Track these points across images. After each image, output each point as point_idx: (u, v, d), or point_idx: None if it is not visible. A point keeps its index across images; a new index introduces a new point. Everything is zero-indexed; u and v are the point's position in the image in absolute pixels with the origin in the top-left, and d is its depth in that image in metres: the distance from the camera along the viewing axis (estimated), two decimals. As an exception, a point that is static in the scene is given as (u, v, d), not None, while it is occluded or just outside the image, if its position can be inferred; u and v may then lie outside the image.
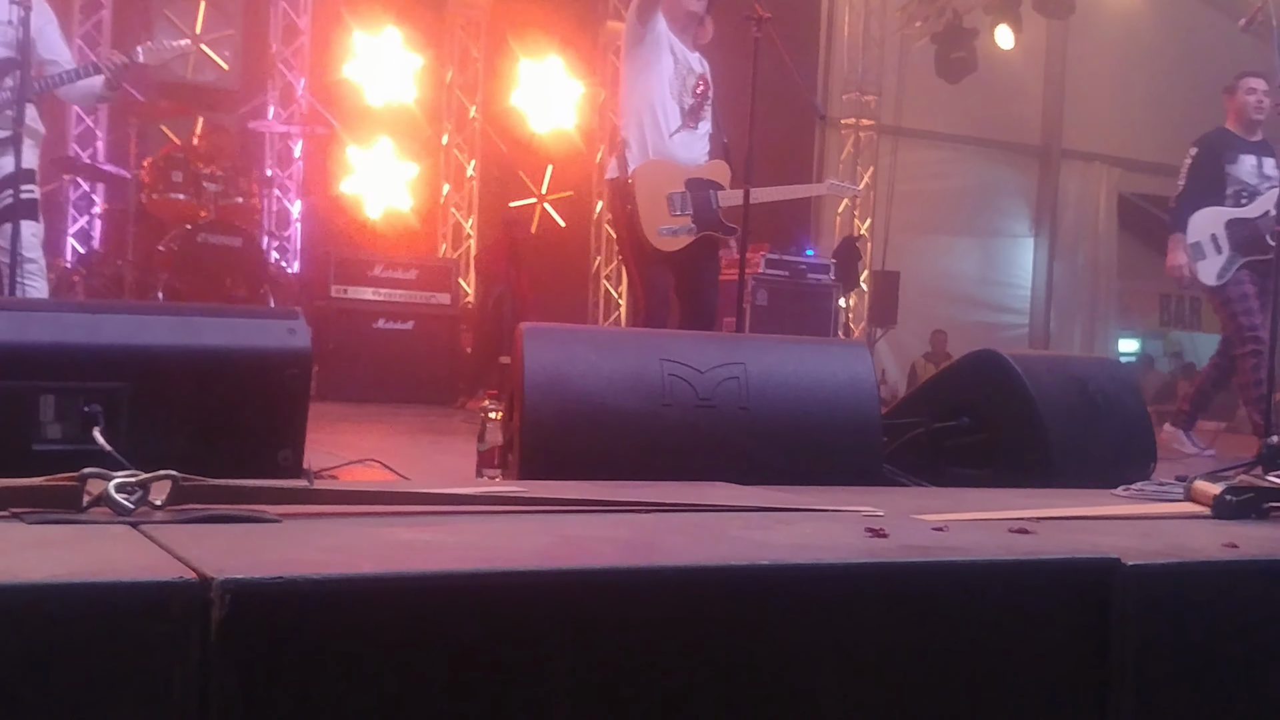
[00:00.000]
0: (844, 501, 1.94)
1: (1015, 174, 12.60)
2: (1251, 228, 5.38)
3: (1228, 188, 5.49)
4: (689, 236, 4.49)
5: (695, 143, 4.57)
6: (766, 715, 1.30)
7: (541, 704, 1.20)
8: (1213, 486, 1.98)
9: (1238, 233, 5.40)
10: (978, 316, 11.95)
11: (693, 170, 4.54)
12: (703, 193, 4.52)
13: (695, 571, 1.31)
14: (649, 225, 4.43)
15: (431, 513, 1.63)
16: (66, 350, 2.16)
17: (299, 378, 2.34)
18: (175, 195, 7.01)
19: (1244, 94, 5.58)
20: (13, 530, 1.30)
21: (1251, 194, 5.46)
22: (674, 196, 4.47)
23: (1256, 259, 5.34)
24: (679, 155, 4.52)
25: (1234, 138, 5.60)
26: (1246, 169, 5.51)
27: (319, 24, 9.01)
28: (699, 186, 4.53)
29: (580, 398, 2.50)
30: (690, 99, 4.54)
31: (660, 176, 4.48)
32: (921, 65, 10.98)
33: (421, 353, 7.12)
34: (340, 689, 1.11)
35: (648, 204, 4.44)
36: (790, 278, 8.18)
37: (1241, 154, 5.54)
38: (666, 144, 4.50)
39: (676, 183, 4.49)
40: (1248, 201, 5.46)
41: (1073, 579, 1.45)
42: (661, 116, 4.50)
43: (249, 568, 1.10)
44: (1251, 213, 5.41)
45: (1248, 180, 5.49)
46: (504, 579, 1.22)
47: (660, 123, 4.50)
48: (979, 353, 3.08)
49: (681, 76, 4.54)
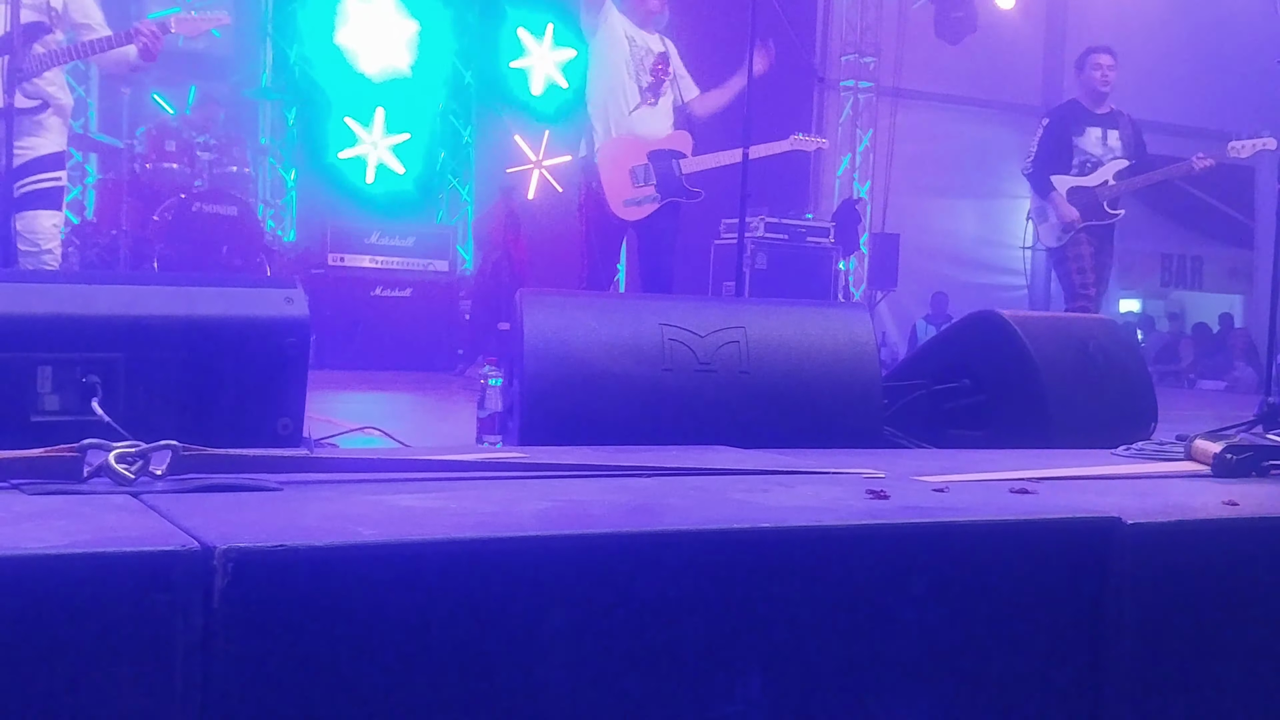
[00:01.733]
0: (845, 464, 1.94)
1: (1016, 135, 12.48)
2: (1090, 195, 5.83)
3: (1074, 158, 5.90)
4: (653, 205, 4.83)
5: (656, 118, 4.90)
6: (770, 677, 1.30)
7: (545, 669, 1.21)
8: (1213, 445, 1.98)
9: (1078, 200, 5.82)
10: (978, 278, 11.93)
11: (654, 143, 4.86)
12: (665, 163, 4.86)
13: (697, 535, 1.31)
14: (614, 198, 4.80)
15: (433, 479, 1.63)
16: (63, 321, 2.15)
17: (297, 346, 2.33)
18: (169, 165, 6.97)
19: (1091, 69, 5.98)
20: (13, 501, 1.30)
21: (1095, 164, 5.89)
22: (637, 169, 4.82)
23: (1094, 224, 5.83)
24: (640, 130, 4.83)
25: (1083, 110, 5.99)
26: (1092, 141, 5.92)
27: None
28: (661, 158, 4.85)
29: (580, 363, 2.50)
30: (648, 77, 4.86)
31: (623, 152, 4.83)
32: (920, 26, 10.89)
33: (420, 320, 7.12)
34: (343, 655, 1.12)
35: (612, 179, 4.81)
36: (789, 241, 8.16)
37: (1088, 126, 5.94)
38: (628, 120, 4.87)
39: (639, 156, 4.83)
40: (1091, 170, 5.88)
41: (1073, 538, 1.46)
42: (621, 97, 4.87)
43: (251, 536, 1.10)
44: (1091, 182, 5.86)
45: (1092, 151, 5.90)
46: (506, 545, 1.22)
47: (621, 102, 4.86)
48: (978, 314, 3.07)
49: (638, 58, 4.83)
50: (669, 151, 4.86)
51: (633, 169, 4.79)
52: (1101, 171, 5.85)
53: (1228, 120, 9.55)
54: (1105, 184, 5.82)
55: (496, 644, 1.19)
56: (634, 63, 4.83)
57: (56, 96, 3.97)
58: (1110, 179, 5.83)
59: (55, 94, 3.96)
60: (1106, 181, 5.82)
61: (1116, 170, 5.85)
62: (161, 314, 2.23)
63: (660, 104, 4.88)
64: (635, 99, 4.83)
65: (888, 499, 1.56)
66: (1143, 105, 12.10)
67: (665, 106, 4.90)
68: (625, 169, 4.79)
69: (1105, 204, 5.79)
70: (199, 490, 1.41)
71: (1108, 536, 1.46)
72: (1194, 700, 1.50)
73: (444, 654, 1.16)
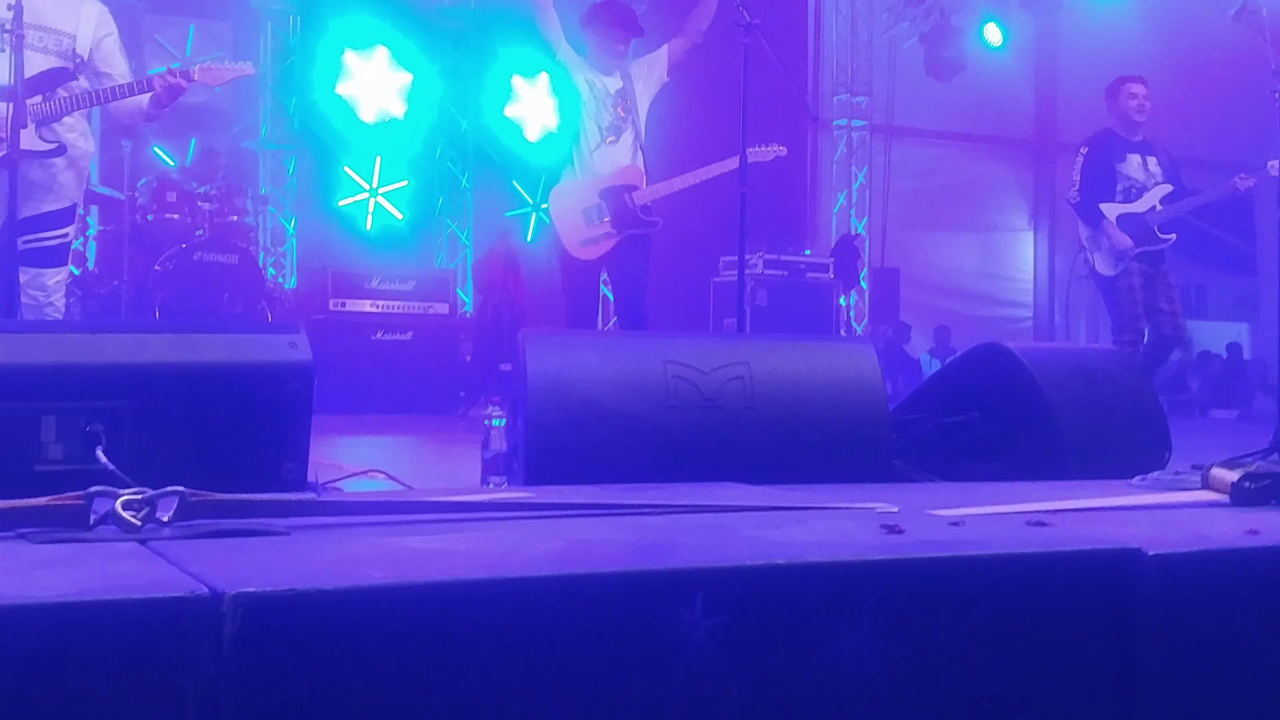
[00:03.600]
0: (856, 499, 1.92)
1: (1010, 168, 12.62)
2: (1140, 221, 5.84)
3: (1118, 184, 5.92)
4: (611, 240, 4.90)
5: (616, 155, 4.96)
6: (786, 716, 1.28)
7: (558, 710, 1.18)
8: (1231, 473, 1.95)
9: (1129, 226, 5.82)
10: (981, 311, 11.96)
11: (606, 180, 4.93)
12: (618, 198, 4.91)
13: (710, 572, 1.29)
14: (569, 241, 4.89)
15: (440, 520, 1.61)
16: (66, 370, 2.14)
17: (301, 391, 2.32)
18: (170, 215, 7.00)
19: (1126, 98, 5.97)
20: (20, 551, 1.28)
21: (1140, 190, 5.90)
22: (589, 209, 4.90)
23: (1147, 249, 5.83)
24: (600, 170, 4.92)
25: (1119, 137, 6.01)
26: (1134, 166, 5.94)
27: (308, 43, 9.02)
28: (613, 194, 4.92)
29: (584, 401, 2.49)
30: (608, 116, 4.94)
31: (573, 196, 4.94)
32: (911, 64, 10.99)
33: (422, 363, 7.11)
34: (355, 699, 1.09)
35: (565, 223, 4.93)
36: (789, 277, 8.18)
37: (1128, 153, 5.96)
38: (589, 160, 4.92)
39: (591, 197, 4.91)
40: (1137, 197, 5.90)
41: (1094, 571, 1.43)
42: (582, 136, 4.91)
43: (260, 581, 1.09)
44: (1139, 208, 5.87)
45: (1135, 177, 5.92)
46: (517, 585, 1.20)
47: (582, 143, 4.92)
48: (985, 346, 3.06)
49: (598, 99, 4.92)
50: (620, 187, 4.90)
51: (585, 209, 4.87)
52: (1148, 197, 5.86)
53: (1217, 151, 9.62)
54: (1154, 209, 5.82)
55: (509, 685, 1.16)
56: (593, 103, 4.90)
57: (76, 144, 3.90)
58: (1158, 204, 5.83)
59: (75, 140, 3.90)
60: (1155, 206, 5.83)
61: (1163, 195, 5.85)
62: (164, 361, 2.22)
63: (621, 141, 4.94)
64: (595, 139, 4.91)
65: (903, 533, 1.53)
66: (1134, 137, 12.17)
67: (625, 142, 4.94)
68: (577, 211, 4.88)
69: (1156, 229, 5.80)
70: (206, 536, 1.39)
71: (1130, 568, 1.43)
72: (1223, 732, 1.47)
73: (456, 696, 1.14)
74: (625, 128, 4.93)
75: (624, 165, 4.93)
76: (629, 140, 4.95)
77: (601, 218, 4.86)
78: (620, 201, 4.87)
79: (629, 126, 4.94)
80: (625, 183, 4.91)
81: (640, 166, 4.97)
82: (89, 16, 3.86)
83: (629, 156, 4.95)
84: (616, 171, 4.91)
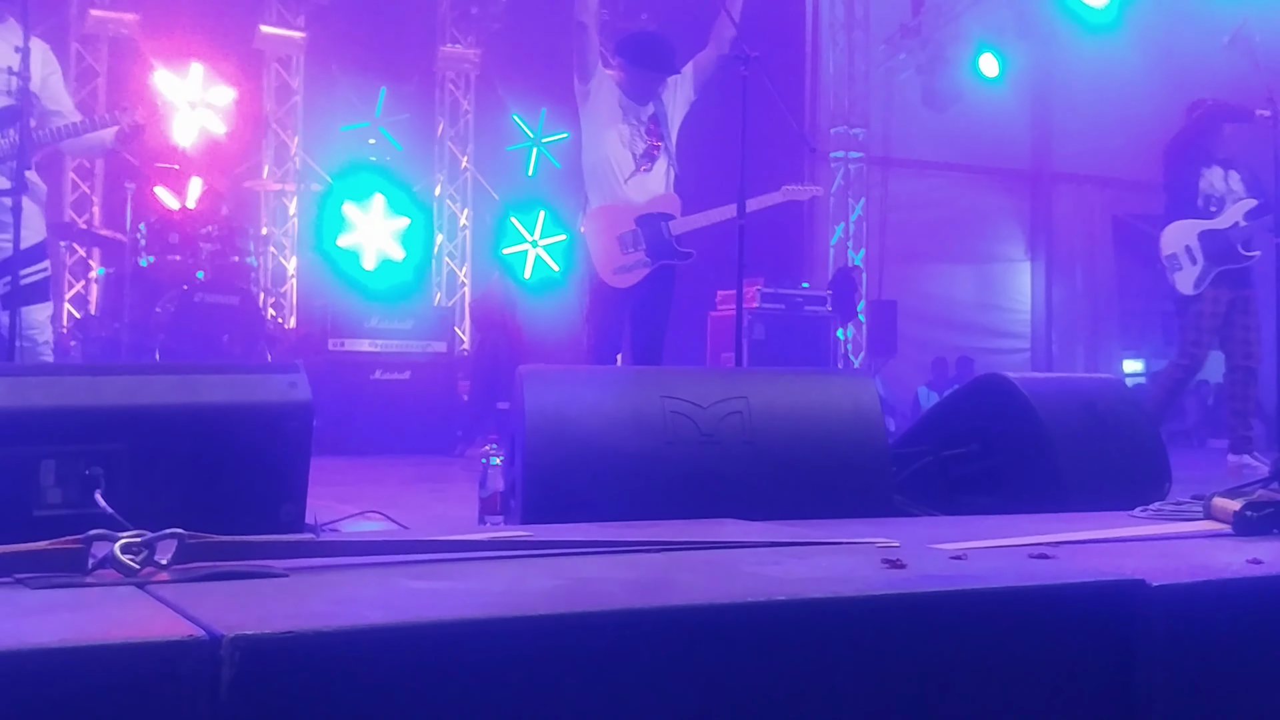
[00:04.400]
0: (856, 533, 1.91)
1: (1007, 199, 12.65)
2: (1223, 238, 5.64)
3: (1197, 199, 5.74)
4: (644, 269, 4.76)
5: (650, 183, 4.81)
6: (792, 754, 1.27)
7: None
8: (1232, 503, 1.95)
9: (1211, 244, 5.63)
10: (979, 342, 11.95)
11: (643, 208, 4.78)
12: (654, 226, 4.78)
13: (710, 610, 1.28)
14: (604, 267, 4.74)
15: (437, 560, 1.61)
16: (65, 414, 2.14)
17: (300, 431, 2.32)
18: (172, 257, 7.03)
19: None
20: (18, 596, 1.27)
21: (1220, 204, 5.70)
22: (625, 236, 4.75)
23: (1229, 268, 5.62)
24: (634, 199, 4.76)
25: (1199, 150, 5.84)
26: (1214, 180, 5.75)
27: (311, 83, 9.11)
28: (650, 222, 4.78)
29: (582, 439, 2.48)
30: (642, 145, 4.81)
31: (609, 221, 4.77)
32: (907, 96, 11.07)
33: (419, 402, 7.09)
34: (355, 745, 1.08)
35: (600, 248, 4.76)
36: (786, 310, 8.18)
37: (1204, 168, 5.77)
38: (622, 190, 4.76)
39: (627, 223, 4.76)
40: (1217, 212, 5.70)
41: (1098, 603, 1.43)
42: (615, 166, 4.76)
43: (258, 623, 1.08)
44: (1222, 224, 5.66)
45: (1217, 189, 5.72)
46: (515, 624, 1.19)
47: (615, 171, 4.76)
48: (984, 377, 3.06)
49: (632, 127, 4.79)
50: (657, 215, 4.77)
51: (620, 236, 4.73)
52: (1230, 213, 5.67)
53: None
54: (1237, 225, 5.63)
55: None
56: (628, 130, 4.77)
57: (35, 181, 3.93)
58: (1241, 220, 5.64)
59: (33, 178, 3.91)
60: (1238, 223, 5.64)
61: (1246, 210, 5.66)
62: (163, 402, 2.22)
63: (655, 169, 4.79)
64: (629, 167, 4.76)
65: (905, 568, 1.53)
66: (1129, 166, 12.31)
67: (659, 170, 4.81)
68: (613, 236, 4.73)
69: (1239, 246, 5.60)
70: (205, 579, 1.39)
71: (1133, 599, 1.43)
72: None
73: (458, 741, 1.13)
74: (659, 155, 4.80)
75: (659, 194, 4.80)
76: (663, 167, 4.82)
77: (637, 246, 4.74)
78: (656, 230, 4.76)
79: (662, 154, 4.82)
80: (662, 210, 4.79)
81: (675, 195, 4.84)
82: (35, 55, 3.88)
83: (663, 184, 4.83)
84: (653, 199, 4.79)
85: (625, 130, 4.76)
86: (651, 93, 4.81)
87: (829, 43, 11.44)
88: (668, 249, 4.77)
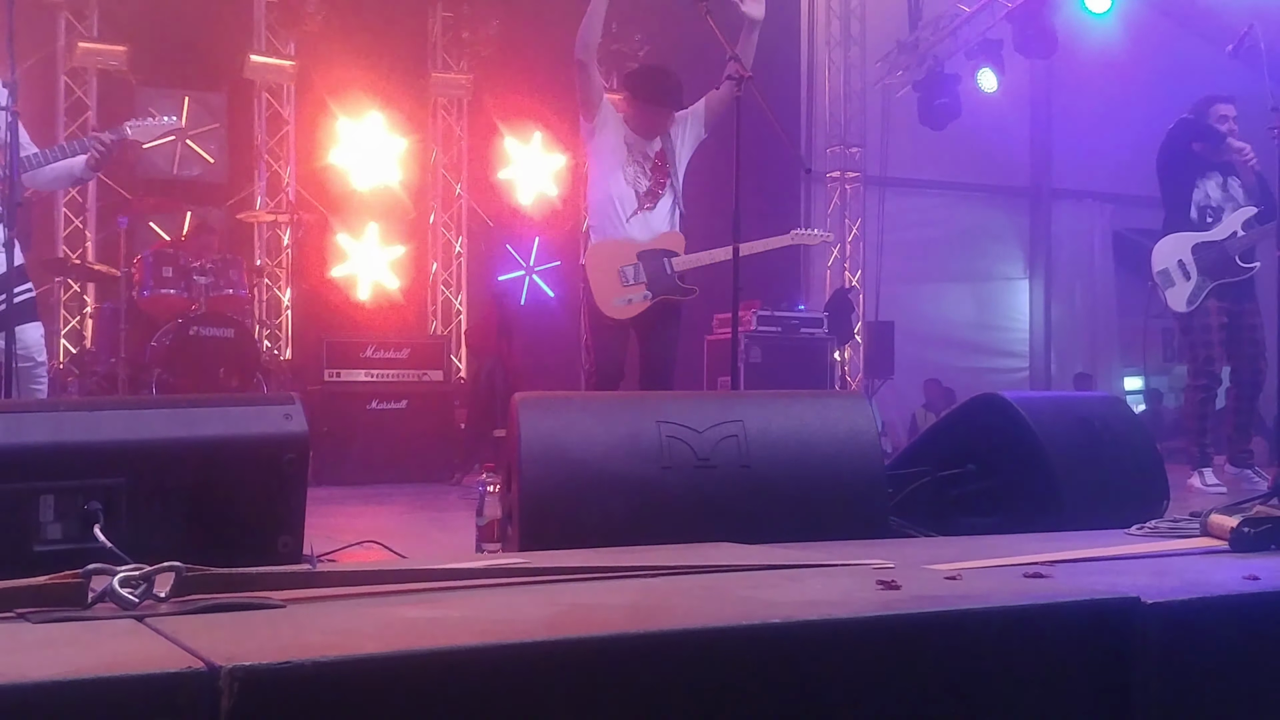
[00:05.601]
0: (852, 556, 1.92)
1: (1006, 216, 12.63)
2: (1219, 250, 5.40)
3: (1190, 210, 5.50)
4: (644, 303, 4.74)
5: (654, 221, 4.81)
6: (790, 778, 1.27)
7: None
8: (1229, 519, 1.95)
9: (1206, 257, 5.41)
10: (977, 362, 11.93)
11: (645, 244, 4.79)
12: (656, 262, 4.79)
13: (705, 634, 1.29)
14: (603, 299, 4.75)
15: (434, 589, 1.61)
16: (63, 449, 2.14)
17: (296, 462, 2.32)
18: (166, 290, 7.05)
19: (1216, 121, 5.57)
20: (18, 631, 1.28)
21: (1216, 215, 5.48)
22: (625, 269, 4.76)
23: (1226, 282, 5.37)
24: (637, 236, 4.77)
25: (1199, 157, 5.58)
26: (1210, 188, 5.53)
27: (303, 112, 9.14)
28: (652, 257, 4.80)
29: (578, 465, 2.49)
30: (646, 182, 4.79)
31: (610, 254, 4.79)
32: (904, 114, 11.08)
33: (416, 431, 7.09)
34: (353, 776, 1.09)
35: (599, 281, 4.73)
36: (783, 333, 8.19)
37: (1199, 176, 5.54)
38: (624, 228, 4.76)
39: (628, 257, 4.78)
40: (1214, 223, 5.47)
41: (1092, 621, 1.43)
42: (619, 203, 4.75)
43: (256, 654, 1.09)
44: (1218, 235, 5.42)
45: (1212, 197, 5.50)
46: (511, 651, 1.20)
47: (618, 209, 4.75)
48: (981, 397, 3.07)
49: (638, 163, 4.77)
50: (660, 251, 4.79)
51: (621, 269, 4.74)
52: (1228, 223, 5.43)
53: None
54: (1234, 235, 5.38)
55: (509, 756, 1.16)
56: (632, 167, 4.76)
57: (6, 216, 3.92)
58: (1239, 229, 5.39)
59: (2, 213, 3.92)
60: (1236, 233, 5.38)
61: (1245, 219, 5.41)
62: (161, 437, 2.22)
63: (659, 207, 4.80)
64: (633, 205, 4.76)
65: (899, 589, 1.53)
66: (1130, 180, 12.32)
67: (663, 208, 4.81)
68: (613, 270, 4.74)
69: (1237, 258, 5.35)
70: (203, 611, 1.39)
71: (1127, 617, 1.43)
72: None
73: (456, 769, 1.13)
74: (663, 193, 4.80)
75: (663, 232, 4.81)
76: (667, 204, 4.82)
77: (638, 279, 4.75)
78: (659, 265, 4.77)
79: (668, 191, 4.81)
80: (665, 247, 4.80)
81: (679, 233, 4.86)
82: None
83: (667, 223, 4.82)
84: (657, 237, 4.80)
85: (631, 170, 4.76)
86: (658, 128, 4.79)
87: (824, 61, 11.49)
88: (669, 284, 4.77)
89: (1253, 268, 5.43)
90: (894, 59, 11.11)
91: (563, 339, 9.76)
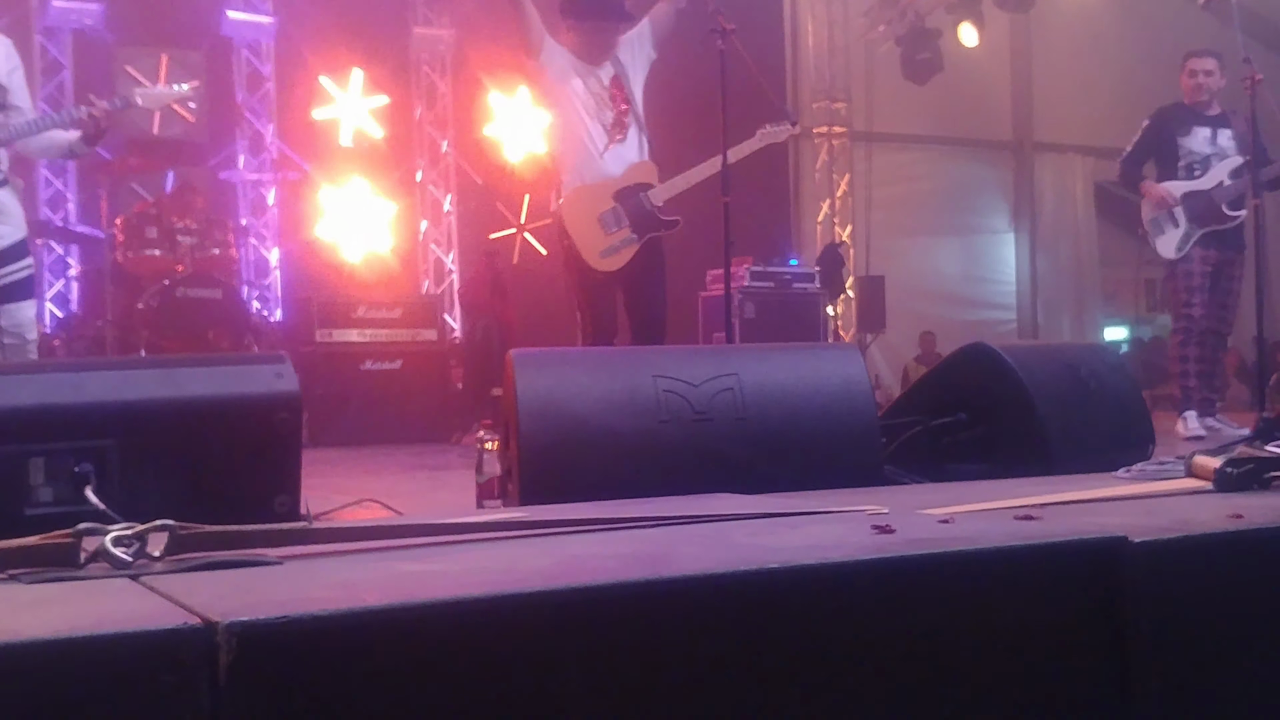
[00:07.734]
0: (847, 503, 1.93)
1: (990, 170, 12.68)
2: (1206, 199, 5.53)
3: (1180, 159, 5.64)
4: (631, 248, 4.51)
5: (627, 153, 4.57)
6: (788, 718, 1.28)
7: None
8: (1213, 461, 1.98)
9: (1194, 205, 5.54)
10: (965, 315, 11.99)
11: (618, 181, 4.53)
12: (633, 199, 4.53)
13: (705, 579, 1.29)
14: (588, 252, 4.49)
15: (433, 544, 1.61)
16: (53, 411, 2.14)
17: (289, 421, 2.32)
18: (151, 251, 7.00)
19: (1186, 76, 5.75)
20: (11, 592, 1.28)
21: (1204, 165, 5.61)
22: (605, 215, 4.50)
23: (1213, 229, 5.52)
24: (612, 171, 4.52)
25: (1187, 110, 5.75)
26: (1199, 140, 5.66)
27: (282, 70, 9.03)
28: (628, 195, 4.53)
29: (575, 421, 2.49)
30: (610, 113, 4.54)
31: (586, 201, 4.51)
32: (888, 69, 11.05)
33: (411, 391, 7.07)
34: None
35: (581, 232, 4.50)
36: (776, 289, 8.19)
37: (1195, 126, 5.68)
38: (600, 164, 4.51)
39: (605, 200, 4.50)
40: (1200, 172, 5.61)
41: (1081, 560, 1.45)
42: (588, 140, 4.50)
43: (254, 609, 1.09)
44: (1205, 184, 5.56)
45: (1199, 151, 5.63)
46: (509, 602, 1.20)
47: (588, 146, 4.50)
48: (969, 347, 3.09)
49: (595, 94, 4.51)
50: (635, 186, 4.51)
51: (600, 216, 4.47)
52: (1214, 172, 5.58)
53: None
54: (1221, 185, 5.54)
55: (506, 702, 1.17)
56: (592, 100, 4.49)
57: (13, 177, 3.88)
58: (1225, 179, 5.55)
59: (9, 175, 3.87)
60: (1222, 182, 5.55)
61: (1232, 168, 5.56)
62: (151, 397, 2.22)
63: (628, 138, 4.53)
64: (603, 139, 4.50)
65: (894, 533, 1.55)
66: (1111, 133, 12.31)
67: (632, 138, 4.55)
68: (593, 219, 4.47)
69: (1224, 206, 5.50)
70: (198, 569, 1.39)
71: (1116, 556, 1.45)
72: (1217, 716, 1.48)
73: (453, 715, 1.14)
74: (628, 120, 4.53)
75: (635, 163, 4.55)
76: (634, 133, 4.55)
77: (620, 224, 4.48)
78: (637, 202, 4.50)
79: (631, 119, 4.54)
80: (638, 181, 4.53)
81: (650, 162, 4.59)
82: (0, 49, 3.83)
83: (638, 153, 4.56)
84: (628, 170, 4.53)
85: (590, 100, 4.49)
86: (606, 49, 4.53)
87: (807, 15, 11.41)
88: (652, 220, 4.53)
89: (1239, 215, 5.56)
90: (875, 13, 11.05)
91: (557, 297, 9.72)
